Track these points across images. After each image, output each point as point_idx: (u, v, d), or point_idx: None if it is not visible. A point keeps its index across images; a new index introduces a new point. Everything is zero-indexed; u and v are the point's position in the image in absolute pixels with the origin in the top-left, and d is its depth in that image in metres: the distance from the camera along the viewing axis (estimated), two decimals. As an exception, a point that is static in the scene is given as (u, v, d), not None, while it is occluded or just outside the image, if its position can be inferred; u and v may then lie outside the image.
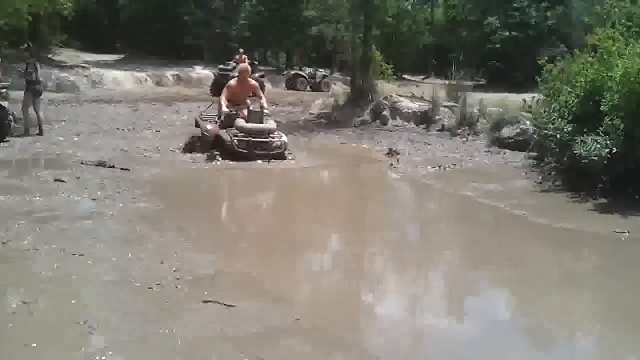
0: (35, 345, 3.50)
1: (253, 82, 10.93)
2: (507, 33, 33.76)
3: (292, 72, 28.18)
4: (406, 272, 5.66)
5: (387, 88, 17.75)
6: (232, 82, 10.77)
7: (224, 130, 9.83)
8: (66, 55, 24.98)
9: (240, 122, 9.87)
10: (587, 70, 8.94)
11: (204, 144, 10.02)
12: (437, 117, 14.53)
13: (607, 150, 7.90)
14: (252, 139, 9.66)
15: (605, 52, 8.88)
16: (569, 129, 8.67)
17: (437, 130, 14.19)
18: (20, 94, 11.81)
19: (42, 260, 4.86)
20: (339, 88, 20.65)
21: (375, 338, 4.08)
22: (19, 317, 3.86)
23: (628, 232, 6.60)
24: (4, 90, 10.20)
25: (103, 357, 3.39)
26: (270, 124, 10.22)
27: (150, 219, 6.23)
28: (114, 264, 4.92)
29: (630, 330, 4.35)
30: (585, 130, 8.38)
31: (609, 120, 8.08)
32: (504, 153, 11.58)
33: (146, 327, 3.83)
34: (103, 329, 3.76)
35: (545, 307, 4.70)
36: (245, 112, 10.03)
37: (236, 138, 9.60)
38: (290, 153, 10.20)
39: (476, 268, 5.64)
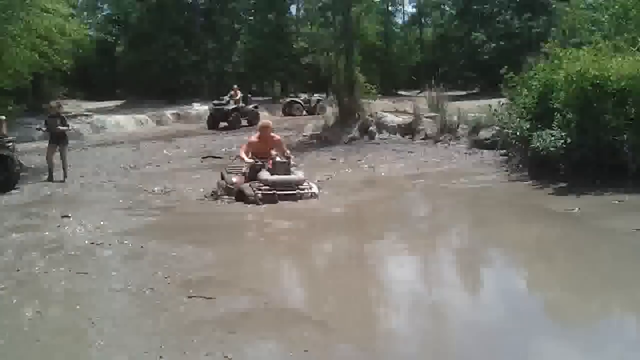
0: (47, 339, 4.27)
1: (276, 136, 9.92)
2: (494, 44, 34.88)
3: (288, 99, 29.13)
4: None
5: (379, 105, 18.67)
6: (253, 138, 9.78)
7: (247, 184, 9.01)
8: (69, 106, 25.98)
9: (265, 174, 9.03)
10: (539, 75, 9.84)
11: (230, 195, 9.26)
12: (420, 127, 15.37)
13: (562, 141, 8.76)
14: (278, 192, 8.73)
15: (553, 58, 9.83)
16: (528, 126, 9.55)
17: (421, 139, 15.02)
18: (25, 146, 12.68)
19: (52, 280, 5.65)
20: (332, 110, 21.50)
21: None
22: (34, 322, 4.62)
23: (579, 208, 7.48)
24: (10, 144, 11.04)
25: (102, 342, 4.15)
26: (297, 175, 9.30)
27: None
28: (114, 277, 5.69)
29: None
30: (540, 126, 9.27)
31: (561, 116, 8.95)
32: (482, 153, 12.40)
33: (140, 319, 4.60)
34: (103, 323, 4.52)
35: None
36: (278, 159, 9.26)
37: (260, 192, 8.73)
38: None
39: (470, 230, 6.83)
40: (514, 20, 35.41)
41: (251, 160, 9.24)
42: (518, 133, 9.75)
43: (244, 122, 22.67)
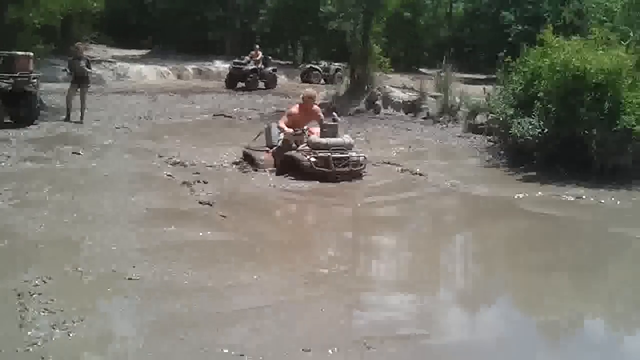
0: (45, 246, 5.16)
1: (316, 107, 9.44)
2: (521, 27, 34.59)
3: (307, 66, 29.50)
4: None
5: (398, 80, 19.17)
6: (294, 109, 9.27)
7: (294, 151, 8.62)
8: (96, 50, 26.80)
9: (315, 137, 8.69)
10: (528, 61, 10.29)
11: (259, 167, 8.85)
12: (423, 106, 15.93)
13: (539, 130, 9.29)
14: (332, 155, 8.41)
15: (546, 45, 10.23)
16: (511, 112, 10.04)
17: (422, 118, 15.58)
18: (49, 85, 13.51)
19: (55, 201, 6.59)
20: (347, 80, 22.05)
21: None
22: (40, 232, 5.51)
23: (526, 195, 8.07)
24: (35, 80, 11.85)
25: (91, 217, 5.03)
26: (346, 138, 9.03)
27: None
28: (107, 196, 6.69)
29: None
30: (522, 113, 9.75)
31: (541, 105, 9.45)
32: (474, 137, 12.92)
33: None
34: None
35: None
36: (316, 129, 8.94)
37: (313, 156, 8.40)
38: (366, 171, 8.95)
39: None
40: (544, 3, 34.92)
41: (291, 130, 8.79)
42: (501, 119, 10.26)
43: (261, 85, 23.22)
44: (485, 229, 7.08)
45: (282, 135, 8.99)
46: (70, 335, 3.72)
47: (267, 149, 9.24)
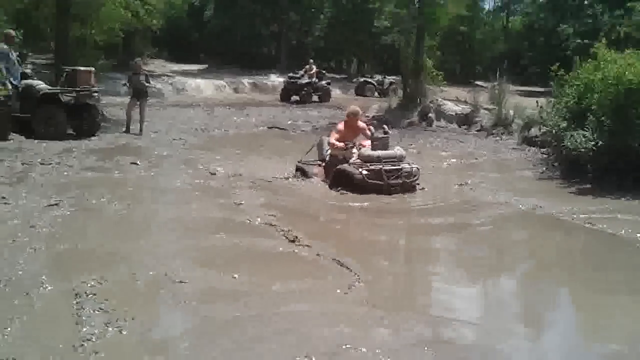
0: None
1: (362, 124, 9.34)
2: (579, 40, 33.95)
3: (362, 79, 29.64)
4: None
5: (453, 93, 19.12)
6: (340, 125, 9.26)
7: (346, 165, 8.61)
8: (155, 65, 27.76)
9: (366, 150, 8.69)
10: (581, 74, 10.18)
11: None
12: (476, 118, 15.88)
13: (592, 143, 9.16)
14: (384, 167, 8.40)
15: (599, 58, 10.11)
16: (564, 125, 9.95)
17: (475, 131, 15.53)
18: (110, 99, 14.06)
19: (114, 209, 6.88)
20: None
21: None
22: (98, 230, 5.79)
23: (579, 208, 7.83)
24: (96, 93, 12.37)
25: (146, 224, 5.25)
26: (398, 150, 8.99)
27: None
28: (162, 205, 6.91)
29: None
30: (574, 126, 9.66)
31: (595, 117, 9.33)
32: (528, 150, 12.80)
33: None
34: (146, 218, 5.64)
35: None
36: (367, 142, 8.91)
37: (365, 169, 8.38)
38: (419, 183, 8.84)
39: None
40: (604, 16, 34.20)
41: (342, 144, 8.81)
42: (554, 131, 10.18)
43: (315, 98, 23.55)
44: (543, 245, 6.78)
45: (329, 151, 9.10)
46: (122, 332, 3.91)
47: (319, 162, 9.36)
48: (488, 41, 44.06)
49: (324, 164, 9.18)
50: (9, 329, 3.89)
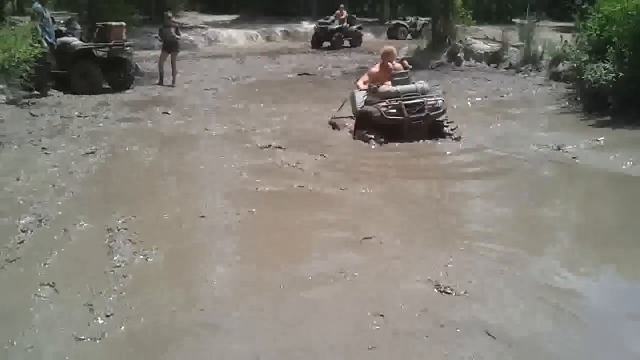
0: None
1: (398, 64, 8.79)
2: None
3: (394, 22, 29.29)
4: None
5: (486, 32, 18.88)
6: (374, 68, 8.80)
7: (367, 106, 8.30)
8: (188, 17, 27.99)
9: (384, 87, 8.28)
10: (603, 6, 10.09)
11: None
12: (505, 56, 15.78)
13: (613, 75, 9.20)
14: (404, 102, 8.03)
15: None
16: (585, 58, 9.96)
17: (504, 69, 15.46)
18: (145, 53, 14.46)
19: (145, 155, 7.38)
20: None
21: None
22: (124, 176, 6.29)
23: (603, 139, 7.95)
24: (128, 47, 12.79)
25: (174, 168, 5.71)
26: (419, 83, 8.50)
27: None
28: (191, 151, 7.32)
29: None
30: (595, 59, 9.67)
31: (615, 49, 9.32)
32: (555, 86, 12.78)
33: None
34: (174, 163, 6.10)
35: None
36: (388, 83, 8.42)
37: (383, 105, 8.02)
38: (450, 122, 8.41)
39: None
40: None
41: (365, 86, 8.52)
42: (576, 65, 10.20)
43: (346, 43, 23.51)
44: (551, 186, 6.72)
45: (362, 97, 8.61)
46: (148, 260, 4.39)
47: (352, 116, 8.89)
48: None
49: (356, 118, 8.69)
50: (49, 259, 4.41)
